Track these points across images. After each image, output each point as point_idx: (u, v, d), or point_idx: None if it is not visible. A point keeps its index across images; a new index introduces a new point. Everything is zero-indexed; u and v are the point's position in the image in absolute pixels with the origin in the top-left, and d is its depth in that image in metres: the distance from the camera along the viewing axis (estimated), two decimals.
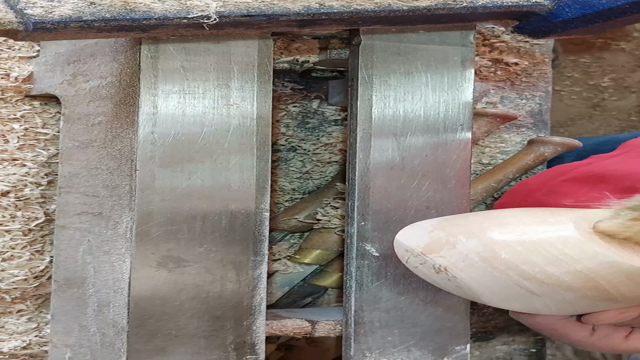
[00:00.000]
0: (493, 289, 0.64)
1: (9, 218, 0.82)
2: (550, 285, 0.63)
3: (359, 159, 0.70)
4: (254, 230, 0.68)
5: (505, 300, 0.65)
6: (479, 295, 0.65)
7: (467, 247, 0.64)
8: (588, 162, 0.87)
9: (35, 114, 0.83)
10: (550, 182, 0.86)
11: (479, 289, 0.65)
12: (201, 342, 0.67)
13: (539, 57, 0.97)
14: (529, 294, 0.64)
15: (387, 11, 0.64)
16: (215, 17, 0.60)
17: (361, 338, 0.71)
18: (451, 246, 0.64)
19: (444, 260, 0.64)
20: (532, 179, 0.89)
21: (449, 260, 0.64)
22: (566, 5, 0.68)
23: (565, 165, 0.89)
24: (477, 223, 0.65)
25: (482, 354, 0.97)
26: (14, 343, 0.83)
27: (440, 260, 0.64)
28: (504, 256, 0.63)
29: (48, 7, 0.57)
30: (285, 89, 0.84)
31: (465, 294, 0.66)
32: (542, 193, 0.85)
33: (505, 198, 0.89)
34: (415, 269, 0.66)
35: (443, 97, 0.72)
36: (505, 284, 0.64)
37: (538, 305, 0.66)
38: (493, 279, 0.64)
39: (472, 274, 0.64)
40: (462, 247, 0.64)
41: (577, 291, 0.64)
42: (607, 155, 0.88)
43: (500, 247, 0.63)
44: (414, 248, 0.65)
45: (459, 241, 0.64)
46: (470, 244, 0.64)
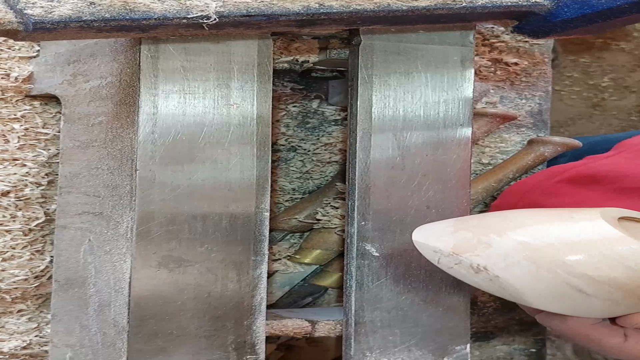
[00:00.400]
0: (539, 289, 0.63)
1: (10, 218, 0.82)
2: (601, 283, 0.62)
3: (359, 158, 0.70)
4: (254, 230, 0.68)
5: (550, 300, 0.64)
6: (523, 296, 0.64)
7: (505, 245, 0.62)
8: (583, 162, 0.87)
9: (35, 114, 0.83)
10: (546, 182, 0.86)
11: (523, 289, 0.63)
12: (202, 342, 0.67)
13: (539, 57, 0.97)
14: (578, 293, 0.63)
15: (387, 11, 0.64)
16: (215, 17, 0.60)
17: (361, 338, 0.71)
18: (487, 245, 0.63)
19: (481, 259, 0.63)
20: (527, 179, 0.89)
21: (488, 260, 0.63)
22: (566, 5, 0.68)
23: (560, 165, 0.89)
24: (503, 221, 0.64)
25: (482, 353, 0.97)
26: (14, 343, 0.83)
27: (477, 259, 0.63)
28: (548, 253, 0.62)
29: (48, 7, 0.57)
30: (285, 89, 0.84)
31: (508, 294, 0.64)
32: (539, 194, 0.85)
33: (502, 199, 0.89)
34: (450, 269, 0.64)
35: (443, 97, 0.72)
36: (553, 283, 0.62)
37: (585, 306, 0.64)
38: (540, 278, 0.62)
39: (517, 273, 0.62)
40: (499, 246, 0.63)
41: (627, 289, 0.63)
42: (602, 155, 0.88)
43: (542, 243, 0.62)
44: (442, 248, 0.64)
45: (493, 240, 0.63)
46: (507, 242, 0.62)
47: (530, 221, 0.64)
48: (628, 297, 0.63)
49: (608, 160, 0.85)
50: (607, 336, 0.69)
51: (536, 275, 0.62)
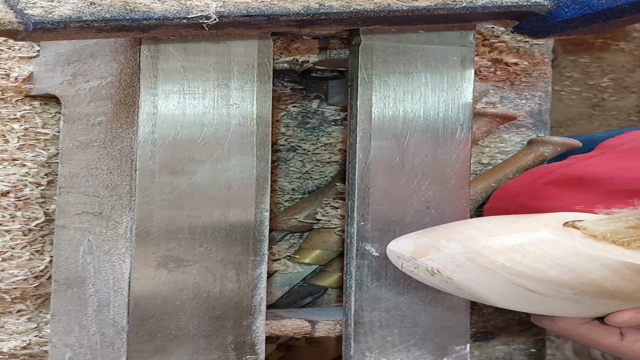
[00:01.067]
0: (492, 289, 0.65)
1: (9, 218, 0.82)
2: (544, 281, 0.64)
3: (359, 159, 0.70)
4: (254, 230, 0.68)
5: (510, 300, 0.66)
6: (482, 296, 0.66)
7: (450, 249, 0.65)
8: (566, 163, 0.87)
9: (35, 114, 0.83)
10: (533, 185, 0.86)
11: (477, 288, 0.65)
12: (201, 342, 0.67)
13: (539, 57, 0.97)
14: (529, 293, 0.64)
15: (387, 11, 0.64)
16: (215, 17, 0.60)
17: (361, 338, 0.71)
18: (436, 249, 0.65)
19: (434, 262, 0.65)
20: (514, 181, 0.89)
21: (439, 263, 0.65)
22: (566, 5, 0.68)
23: (545, 166, 0.88)
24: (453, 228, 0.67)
25: (482, 353, 0.97)
26: (13, 343, 0.83)
27: (430, 262, 0.66)
28: (487, 255, 0.64)
29: (48, 7, 0.57)
30: (285, 89, 0.84)
31: (468, 295, 0.66)
32: (526, 197, 0.85)
33: (492, 202, 0.89)
34: (412, 272, 0.67)
35: (443, 97, 0.72)
36: (501, 282, 0.64)
37: (547, 305, 0.66)
38: (487, 278, 0.64)
39: (465, 274, 0.65)
40: (446, 250, 0.65)
41: (573, 287, 0.64)
42: (585, 155, 0.87)
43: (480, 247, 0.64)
44: (404, 253, 0.67)
45: (442, 244, 0.65)
46: (452, 246, 0.65)
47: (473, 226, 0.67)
48: (582, 295, 0.64)
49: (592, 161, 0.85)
50: (603, 335, 0.69)
51: (482, 276, 0.65)
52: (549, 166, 0.88)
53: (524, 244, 0.64)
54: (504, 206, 0.86)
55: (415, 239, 0.67)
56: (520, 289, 0.64)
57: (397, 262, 0.68)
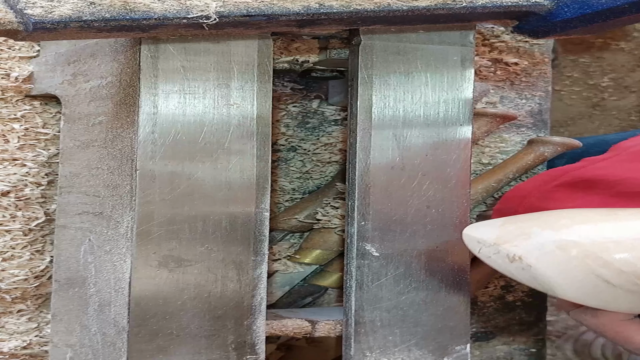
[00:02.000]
0: (568, 279, 0.65)
1: (9, 218, 0.82)
2: (627, 273, 0.64)
3: (359, 158, 0.70)
4: (254, 230, 0.68)
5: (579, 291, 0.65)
6: (554, 286, 0.65)
7: (543, 237, 0.65)
8: (579, 165, 0.87)
9: (35, 114, 0.83)
10: (543, 187, 0.86)
11: (553, 278, 0.65)
12: (202, 341, 0.67)
13: (539, 57, 0.97)
14: (604, 284, 0.64)
15: (387, 11, 0.64)
16: (215, 17, 0.60)
17: (361, 338, 0.71)
18: (526, 236, 0.65)
19: (518, 249, 0.65)
20: (525, 184, 0.89)
21: (524, 249, 0.65)
22: (565, 5, 0.68)
23: (557, 169, 0.88)
24: (549, 217, 0.67)
25: (482, 353, 0.97)
26: (14, 343, 0.83)
27: (514, 249, 0.65)
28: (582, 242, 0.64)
29: (48, 7, 0.57)
30: (285, 89, 0.84)
31: (540, 284, 0.66)
32: (537, 198, 0.85)
33: (501, 204, 0.89)
34: (488, 259, 0.67)
35: (443, 96, 0.72)
36: (581, 273, 0.64)
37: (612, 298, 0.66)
38: (569, 267, 0.64)
39: (548, 262, 0.65)
40: (537, 238, 0.65)
41: None
42: (598, 158, 0.87)
43: (577, 234, 0.64)
44: (486, 239, 0.67)
45: (534, 232, 0.65)
46: (546, 234, 0.65)
47: (574, 216, 0.67)
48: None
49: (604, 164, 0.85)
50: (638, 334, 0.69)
51: (566, 265, 0.64)
52: (561, 169, 0.88)
53: (622, 235, 0.64)
54: (513, 206, 0.86)
55: (500, 225, 0.67)
56: (598, 280, 0.64)
57: (475, 247, 0.67)
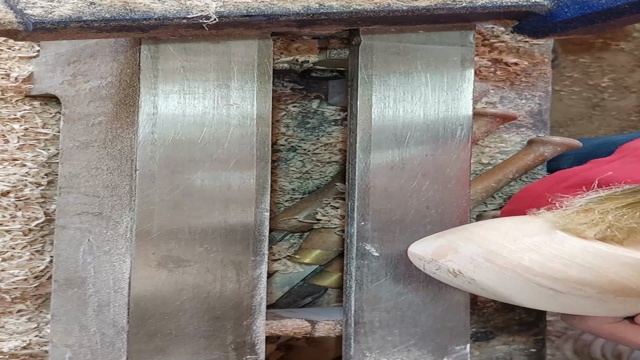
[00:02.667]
0: (515, 289, 0.65)
1: (9, 218, 0.82)
2: (565, 281, 0.63)
3: (359, 159, 0.70)
4: (254, 230, 0.68)
5: (533, 300, 0.65)
6: (507, 296, 0.65)
7: (468, 250, 0.65)
8: (587, 167, 0.87)
9: (35, 114, 0.83)
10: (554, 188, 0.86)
11: (500, 289, 0.65)
12: (201, 342, 0.67)
13: (539, 57, 0.97)
14: (553, 292, 0.64)
15: (387, 11, 0.64)
16: (215, 17, 0.60)
17: (361, 338, 0.71)
18: (454, 251, 0.65)
19: (454, 264, 0.65)
20: (535, 185, 0.89)
21: (459, 264, 0.65)
22: (566, 5, 0.68)
23: (566, 170, 0.88)
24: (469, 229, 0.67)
25: (482, 353, 0.97)
26: (14, 343, 0.83)
27: (450, 264, 0.66)
28: (505, 255, 0.64)
29: (48, 7, 0.57)
30: (285, 89, 0.84)
31: (493, 295, 0.66)
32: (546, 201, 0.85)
33: (511, 205, 0.89)
34: (434, 274, 0.68)
35: (443, 97, 0.72)
36: (521, 282, 0.64)
37: (571, 304, 0.65)
38: (508, 278, 0.64)
39: (485, 274, 0.65)
40: (463, 251, 0.65)
41: (595, 287, 0.63)
42: (606, 160, 0.87)
43: (497, 247, 0.64)
44: (424, 255, 0.67)
45: (459, 245, 0.65)
46: (469, 247, 0.65)
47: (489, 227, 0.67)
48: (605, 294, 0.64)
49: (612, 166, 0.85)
50: (635, 334, 0.69)
51: (502, 277, 0.64)
52: (570, 170, 0.88)
53: (539, 243, 0.64)
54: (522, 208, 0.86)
55: (434, 240, 0.68)
56: (543, 288, 0.64)
57: (419, 264, 0.68)
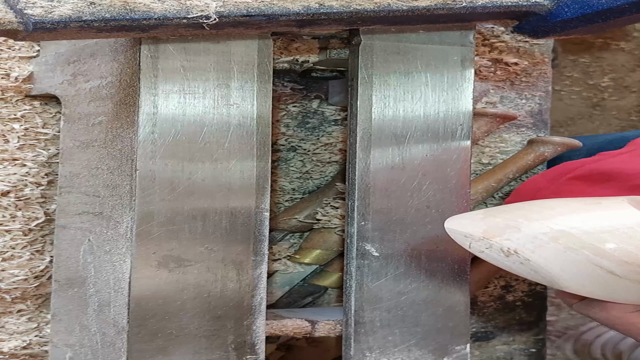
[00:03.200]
0: (570, 271, 0.63)
1: (9, 218, 0.82)
2: (630, 264, 0.62)
3: (359, 158, 0.70)
4: (254, 230, 0.68)
5: (584, 283, 0.64)
6: (556, 278, 0.64)
7: (533, 228, 0.63)
8: (595, 159, 0.87)
9: (35, 114, 0.83)
10: (558, 180, 0.85)
11: (554, 270, 0.63)
12: (202, 341, 0.67)
13: (539, 57, 0.97)
14: (609, 275, 0.63)
15: (387, 11, 0.64)
16: (215, 17, 0.60)
17: (361, 338, 0.71)
18: (516, 229, 0.64)
19: (511, 242, 0.64)
20: (539, 177, 0.89)
21: (517, 243, 0.63)
22: (566, 5, 0.68)
23: (572, 162, 0.88)
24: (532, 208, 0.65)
25: (482, 353, 0.97)
26: (14, 343, 0.83)
27: (507, 243, 0.64)
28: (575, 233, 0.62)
29: (48, 7, 0.57)
30: (285, 89, 0.84)
31: (541, 277, 0.64)
32: (550, 191, 0.85)
33: (513, 197, 0.89)
34: (482, 253, 0.65)
35: (443, 96, 0.72)
36: (581, 264, 0.63)
37: (619, 289, 0.64)
38: (568, 259, 0.63)
39: (545, 254, 0.63)
40: (527, 230, 0.63)
41: None
42: (615, 152, 0.87)
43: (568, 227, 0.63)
44: (473, 233, 0.65)
45: (522, 224, 0.64)
46: (535, 225, 0.63)
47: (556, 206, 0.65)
48: None
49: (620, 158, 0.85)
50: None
51: (564, 257, 0.63)
52: (577, 162, 0.87)
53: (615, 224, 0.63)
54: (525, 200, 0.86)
55: (483, 218, 0.65)
56: (602, 271, 0.63)
57: (464, 241, 0.66)
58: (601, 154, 0.88)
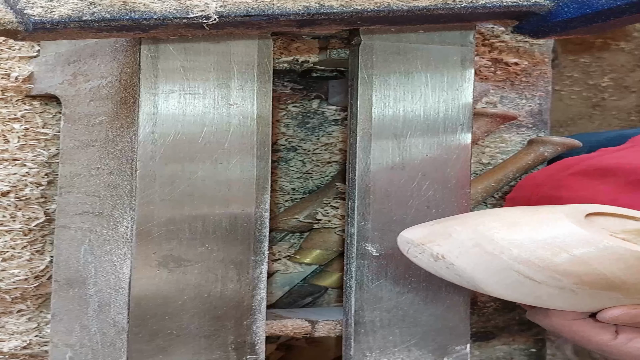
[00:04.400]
0: (491, 276, 0.64)
1: (9, 218, 0.82)
2: (546, 269, 0.63)
3: (359, 158, 0.70)
4: (254, 230, 0.68)
5: (505, 288, 0.65)
6: (479, 283, 0.65)
7: (462, 235, 0.65)
8: (595, 155, 0.87)
9: (35, 114, 0.83)
10: (557, 175, 0.85)
11: (476, 275, 0.65)
12: (202, 342, 0.67)
13: (539, 57, 0.97)
14: (528, 281, 0.64)
15: (387, 11, 0.64)
16: (215, 17, 0.60)
17: (361, 338, 0.71)
18: (447, 235, 0.65)
19: (441, 248, 0.65)
20: (539, 172, 0.89)
21: (445, 248, 0.65)
22: (565, 5, 0.68)
23: (571, 158, 0.88)
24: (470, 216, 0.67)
25: (482, 353, 0.97)
26: (14, 343, 0.83)
27: (437, 248, 0.65)
28: (496, 239, 0.64)
29: (48, 7, 0.57)
30: (285, 89, 0.84)
31: (466, 282, 0.66)
32: (550, 187, 0.85)
33: (514, 192, 0.89)
34: (415, 258, 0.67)
35: (443, 96, 0.72)
36: (501, 269, 0.64)
37: (543, 296, 0.65)
38: (488, 264, 0.64)
39: (468, 259, 0.64)
40: (457, 236, 0.65)
41: (574, 276, 0.63)
42: (615, 148, 0.87)
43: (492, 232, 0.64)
44: (414, 239, 0.66)
45: (455, 230, 0.65)
46: (464, 232, 0.65)
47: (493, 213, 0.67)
48: (580, 286, 0.64)
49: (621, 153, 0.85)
50: (595, 333, 0.67)
51: (485, 261, 0.64)
52: (576, 158, 0.87)
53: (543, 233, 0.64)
54: (526, 195, 0.86)
55: (430, 225, 0.67)
56: (519, 276, 0.64)
57: (405, 247, 0.67)
58: (601, 150, 0.88)
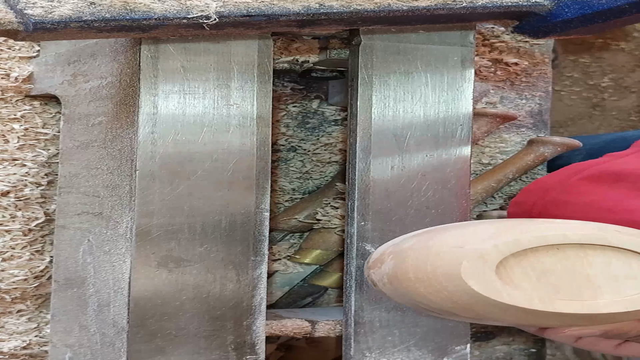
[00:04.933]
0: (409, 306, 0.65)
1: (9, 218, 0.82)
2: (439, 311, 0.63)
3: (359, 159, 0.70)
4: (254, 230, 0.68)
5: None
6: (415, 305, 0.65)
7: (386, 268, 0.64)
8: (604, 160, 0.87)
9: (35, 114, 0.83)
10: (566, 180, 0.85)
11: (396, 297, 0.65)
12: (201, 342, 0.67)
13: (539, 57, 0.97)
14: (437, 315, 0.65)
15: (387, 11, 0.64)
16: (215, 17, 0.60)
17: (361, 338, 0.71)
18: (380, 265, 0.65)
19: (375, 276, 0.65)
20: (547, 177, 0.89)
21: (376, 278, 0.65)
22: (566, 5, 0.68)
23: (580, 163, 0.88)
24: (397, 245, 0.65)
25: (482, 353, 0.97)
26: (14, 343, 0.83)
27: (373, 276, 0.65)
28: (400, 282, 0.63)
29: (48, 7, 0.57)
30: (285, 89, 0.84)
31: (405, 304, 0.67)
32: (558, 192, 0.85)
33: (520, 197, 0.89)
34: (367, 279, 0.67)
35: (443, 97, 0.72)
36: (404, 301, 0.64)
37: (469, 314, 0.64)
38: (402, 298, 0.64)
39: (388, 292, 0.64)
40: (383, 267, 0.64)
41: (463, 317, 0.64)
42: (622, 153, 0.87)
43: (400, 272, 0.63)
44: (366, 262, 0.67)
45: (385, 261, 0.64)
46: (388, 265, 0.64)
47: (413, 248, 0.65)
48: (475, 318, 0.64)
49: (629, 159, 0.85)
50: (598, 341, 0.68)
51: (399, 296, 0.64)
52: (586, 163, 0.87)
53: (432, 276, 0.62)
54: (532, 201, 0.86)
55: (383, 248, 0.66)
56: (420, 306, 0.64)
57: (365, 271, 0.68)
58: (608, 155, 0.88)
